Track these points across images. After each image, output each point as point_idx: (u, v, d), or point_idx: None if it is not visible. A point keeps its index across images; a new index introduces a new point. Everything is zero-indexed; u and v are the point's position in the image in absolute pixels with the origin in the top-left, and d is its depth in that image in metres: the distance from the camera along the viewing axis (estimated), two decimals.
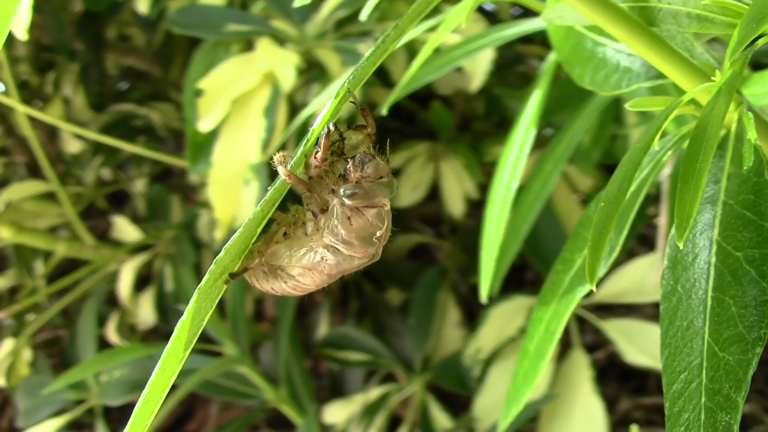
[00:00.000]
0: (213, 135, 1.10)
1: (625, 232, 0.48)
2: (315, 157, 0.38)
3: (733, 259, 0.37)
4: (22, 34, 0.79)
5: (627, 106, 0.46)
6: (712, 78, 0.43)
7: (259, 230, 0.37)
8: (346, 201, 0.38)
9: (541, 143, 1.14)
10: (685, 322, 0.38)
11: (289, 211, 0.42)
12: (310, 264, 0.41)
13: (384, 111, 0.81)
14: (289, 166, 0.37)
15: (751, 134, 0.38)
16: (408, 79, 0.80)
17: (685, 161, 0.35)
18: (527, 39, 1.39)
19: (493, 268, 0.79)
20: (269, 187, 0.37)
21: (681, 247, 0.33)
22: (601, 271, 0.49)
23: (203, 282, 0.35)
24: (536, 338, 0.55)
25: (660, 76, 0.48)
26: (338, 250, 0.39)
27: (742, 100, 0.42)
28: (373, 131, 0.39)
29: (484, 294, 0.80)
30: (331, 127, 0.37)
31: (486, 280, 0.80)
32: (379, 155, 0.39)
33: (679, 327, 0.39)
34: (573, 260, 0.52)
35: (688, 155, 0.35)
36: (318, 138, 0.37)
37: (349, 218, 0.38)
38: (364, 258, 0.40)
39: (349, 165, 0.38)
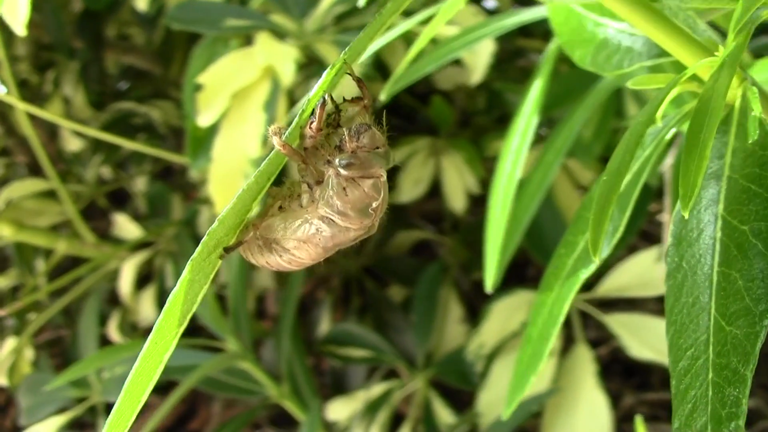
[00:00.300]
0: (213, 130, 1.10)
1: (628, 212, 0.47)
2: (310, 128, 0.37)
3: (738, 232, 0.37)
4: (21, 30, 0.79)
5: (629, 84, 0.45)
6: (715, 53, 0.42)
7: (254, 204, 0.36)
8: (342, 171, 0.37)
9: (541, 140, 1.14)
10: (690, 299, 0.38)
11: (284, 184, 0.42)
12: (305, 236, 0.40)
13: (382, 97, 0.80)
14: (283, 137, 0.37)
15: (756, 107, 0.38)
16: (406, 66, 0.80)
17: (689, 133, 0.35)
18: (527, 33, 1.39)
19: (497, 259, 0.78)
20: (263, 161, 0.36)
21: (686, 216, 0.33)
22: (605, 250, 0.48)
23: (196, 253, 0.35)
24: (539, 323, 0.54)
25: (662, 54, 0.47)
26: (333, 221, 0.39)
27: (746, 76, 0.42)
28: (370, 103, 0.39)
29: (489, 284, 0.80)
30: (327, 98, 0.37)
31: (491, 271, 0.79)
32: (375, 125, 0.38)
33: (685, 303, 0.38)
34: (576, 243, 0.52)
35: (692, 126, 0.35)
36: (313, 109, 0.37)
37: (344, 189, 0.38)
38: (360, 230, 0.40)
39: (345, 135, 0.38)
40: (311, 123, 0.37)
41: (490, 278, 0.80)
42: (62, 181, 1.41)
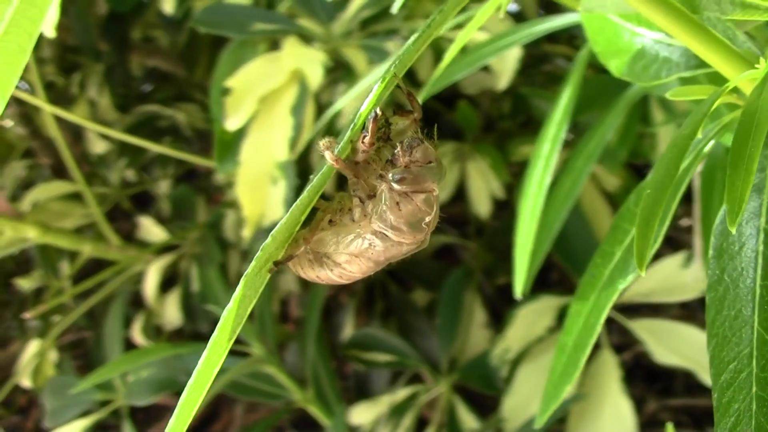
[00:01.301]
0: (240, 134, 1.10)
1: (667, 222, 0.47)
2: (363, 142, 0.37)
3: None
4: (49, 32, 0.79)
5: (668, 95, 0.45)
6: (756, 66, 0.42)
7: (303, 217, 0.36)
8: (395, 186, 0.37)
9: (566, 145, 1.14)
10: (732, 312, 0.38)
11: (334, 198, 0.42)
12: (358, 251, 0.40)
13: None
14: (335, 152, 0.37)
15: None
16: (438, 75, 0.80)
17: (734, 147, 0.35)
18: (553, 38, 1.39)
19: (527, 264, 0.78)
20: (312, 175, 0.37)
21: (733, 231, 0.32)
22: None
23: (249, 269, 0.35)
24: (575, 332, 0.54)
25: (700, 65, 0.47)
26: (387, 236, 0.39)
27: None
28: (420, 116, 0.39)
29: (518, 290, 0.80)
30: (378, 112, 0.37)
31: (521, 277, 0.79)
32: (428, 139, 0.38)
33: (727, 316, 0.38)
34: (613, 253, 0.52)
35: (736, 140, 0.35)
36: (365, 123, 0.37)
37: (398, 203, 0.38)
38: (412, 244, 0.40)
39: (398, 149, 0.38)
40: (363, 137, 0.37)
41: (520, 284, 0.80)
42: (87, 183, 1.41)
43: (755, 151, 0.33)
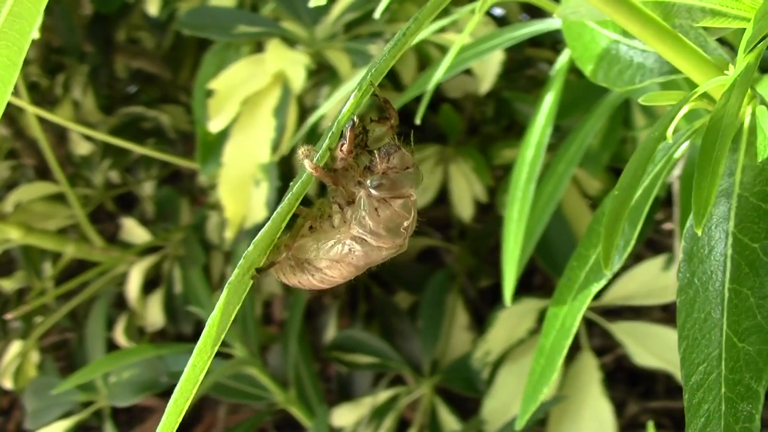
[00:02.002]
0: (223, 135, 1.11)
1: (639, 225, 0.48)
2: (341, 150, 0.38)
3: (750, 250, 0.38)
4: (34, 33, 0.79)
5: (640, 100, 0.46)
6: (726, 72, 0.43)
7: (284, 224, 0.37)
8: (373, 192, 0.38)
9: (548, 148, 1.14)
10: (702, 314, 0.39)
11: (314, 204, 0.43)
12: (339, 256, 0.41)
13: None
14: (315, 160, 0.37)
15: (766, 126, 0.38)
16: (423, 81, 0.81)
17: (702, 151, 0.35)
18: (536, 43, 1.40)
19: (515, 270, 0.79)
20: (292, 182, 0.37)
21: (699, 233, 0.33)
22: (616, 263, 0.49)
23: (233, 277, 0.36)
24: (552, 335, 0.55)
25: (673, 71, 0.48)
26: (366, 241, 0.40)
27: (756, 94, 0.43)
28: (396, 123, 0.40)
29: (508, 297, 0.80)
30: (356, 120, 0.38)
31: (510, 283, 0.80)
32: (405, 146, 0.39)
33: (697, 319, 0.39)
34: (588, 256, 0.52)
35: (704, 144, 0.35)
36: (343, 131, 0.38)
37: (376, 209, 0.39)
38: (392, 248, 0.40)
39: (376, 156, 0.38)
40: (342, 145, 0.38)
41: (509, 290, 0.80)
42: (70, 184, 1.41)
43: (721, 155, 0.34)
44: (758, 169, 0.39)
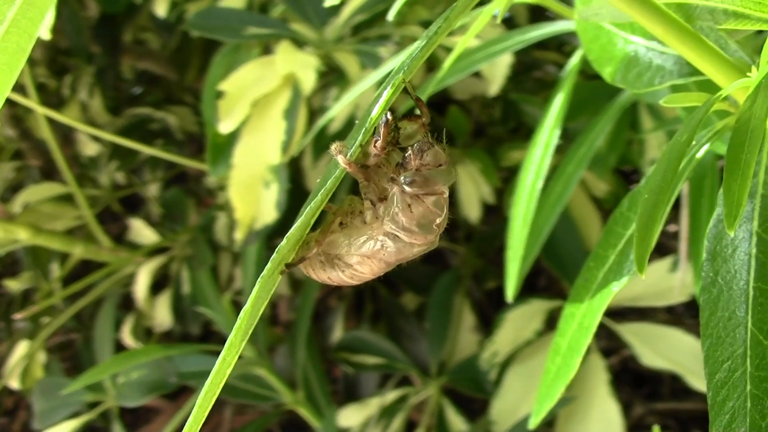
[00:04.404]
0: (233, 137, 1.11)
1: (660, 226, 0.48)
2: (375, 146, 0.38)
3: None
4: (45, 34, 0.79)
5: (662, 102, 0.46)
6: (748, 74, 0.43)
7: (313, 220, 0.37)
8: (407, 188, 0.38)
9: (555, 150, 1.15)
10: (726, 313, 0.39)
11: (344, 201, 0.43)
12: (370, 252, 0.41)
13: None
14: (348, 156, 0.38)
15: None
16: (435, 84, 0.81)
17: (729, 153, 0.35)
18: (543, 45, 1.40)
19: (518, 269, 0.79)
20: (320, 178, 0.37)
21: (732, 234, 0.33)
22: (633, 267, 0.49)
23: (265, 271, 0.36)
24: (569, 334, 0.55)
25: (693, 73, 0.48)
26: (399, 237, 0.40)
27: None
28: (428, 120, 0.40)
29: (510, 294, 0.81)
30: (389, 117, 0.38)
31: (512, 282, 0.80)
32: (438, 143, 0.39)
33: (721, 317, 0.39)
34: (606, 256, 0.53)
35: (731, 147, 0.36)
36: (376, 127, 0.38)
37: (409, 206, 0.39)
38: (423, 245, 0.41)
39: (409, 152, 0.39)
40: (375, 141, 0.38)
41: (511, 288, 0.80)
42: (77, 185, 1.42)
43: (751, 157, 0.34)
44: None
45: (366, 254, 0.41)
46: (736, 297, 0.39)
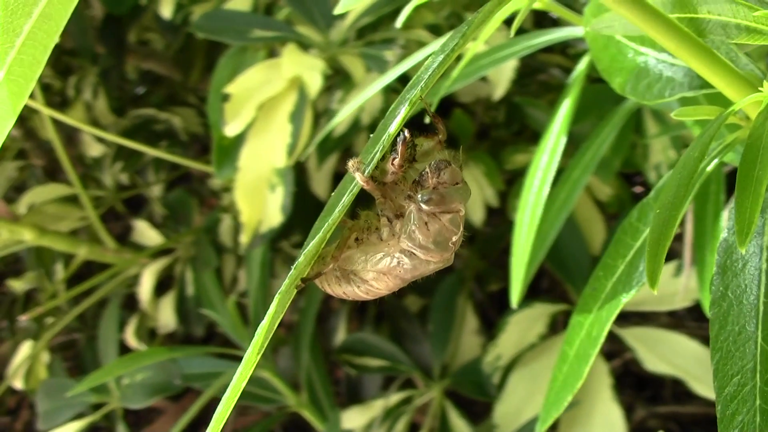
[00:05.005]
0: (239, 140, 1.11)
1: (670, 239, 0.48)
2: (392, 164, 0.39)
3: None
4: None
5: (673, 114, 0.47)
6: (759, 89, 0.43)
7: (329, 235, 0.37)
8: (424, 206, 0.39)
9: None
10: (736, 327, 0.39)
11: (360, 216, 0.43)
12: (387, 268, 0.41)
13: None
14: (366, 172, 0.38)
15: None
16: (443, 91, 0.81)
17: (741, 169, 0.36)
18: (547, 48, 1.40)
19: (523, 275, 0.79)
20: (335, 193, 0.38)
21: (743, 251, 0.34)
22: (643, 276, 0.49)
23: (283, 286, 0.36)
24: (576, 343, 0.56)
25: (703, 86, 0.48)
26: (415, 254, 0.40)
27: None
28: (444, 137, 0.40)
29: (514, 300, 0.81)
30: (407, 134, 0.38)
31: (517, 287, 0.80)
32: (455, 161, 0.40)
33: (731, 332, 0.39)
34: (615, 266, 0.53)
35: (744, 163, 0.36)
36: (393, 144, 0.38)
37: (426, 223, 0.39)
38: (439, 262, 0.41)
39: (426, 171, 0.39)
40: (393, 159, 0.39)
41: (516, 295, 0.81)
42: (82, 186, 1.42)
43: (763, 173, 0.34)
44: None
45: (382, 271, 0.42)
46: (746, 311, 0.39)
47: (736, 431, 0.37)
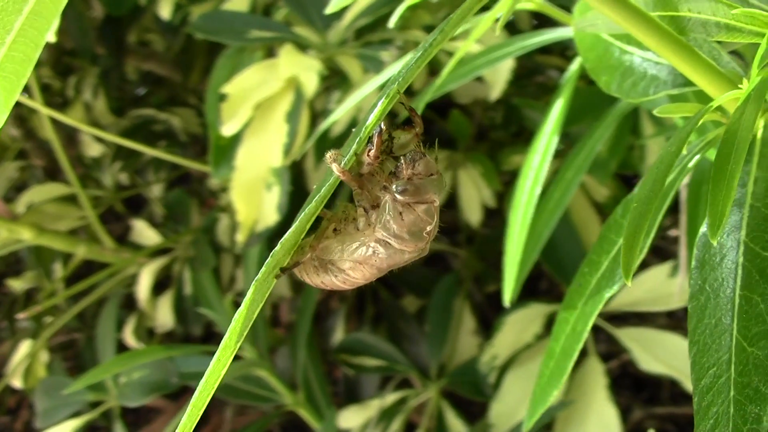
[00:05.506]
0: (236, 139, 1.12)
1: (652, 234, 0.49)
2: (368, 155, 0.39)
3: (760, 259, 0.39)
4: (51, 37, 0.80)
5: (655, 112, 0.47)
6: (739, 86, 0.44)
7: (308, 226, 0.38)
8: (398, 197, 0.39)
9: (555, 156, 1.15)
10: (713, 320, 0.40)
11: (338, 207, 0.44)
12: (362, 258, 0.42)
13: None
14: (342, 164, 0.39)
15: None
16: (436, 88, 0.82)
17: (716, 163, 0.36)
18: (545, 50, 1.41)
19: (516, 272, 0.80)
20: (317, 185, 0.38)
21: (715, 243, 0.34)
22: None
23: (260, 274, 0.37)
24: (562, 339, 0.56)
25: (686, 84, 0.49)
26: (390, 244, 0.41)
27: None
28: (421, 130, 0.41)
29: (507, 298, 0.81)
30: (383, 127, 0.39)
31: (509, 284, 0.81)
32: (430, 153, 0.40)
33: (707, 324, 0.40)
34: (600, 262, 0.53)
35: (719, 157, 0.36)
36: (371, 137, 0.39)
37: (400, 213, 0.40)
38: (414, 252, 0.42)
39: (401, 162, 0.40)
40: (369, 150, 0.39)
41: (509, 292, 0.81)
42: (81, 186, 1.42)
43: (736, 168, 0.35)
44: None
45: (358, 260, 0.42)
46: (722, 305, 0.40)
47: (711, 422, 0.38)
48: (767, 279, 0.38)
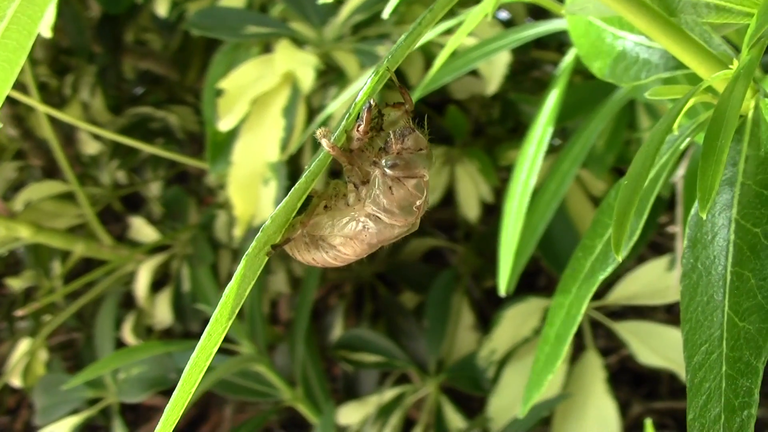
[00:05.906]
0: (232, 135, 1.12)
1: (645, 215, 0.49)
2: (357, 130, 0.40)
3: (751, 235, 0.39)
4: (47, 32, 0.80)
5: (647, 95, 0.47)
6: (730, 66, 0.44)
7: (300, 203, 0.38)
8: (388, 171, 0.39)
9: (553, 150, 1.15)
10: (705, 297, 0.40)
11: (329, 185, 0.44)
12: (353, 233, 0.42)
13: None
14: (332, 139, 0.39)
15: None
16: (429, 80, 0.82)
17: (706, 140, 0.36)
18: (542, 45, 1.41)
19: (511, 263, 0.80)
20: (309, 162, 0.38)
21: (704, 218, 0.34)
22: (624, 252, 0.50)
23: (250, 249, 0.37)
24: (557, 323, 0.56)
25: (678, 66, 0.49)
26: (380, 218, 0.41)
27: (759, 88, 0.44)
28: (411, 107, 0.41)
29: (502, 288, 0.81)
30: (373, 102, 0.39)
31: (504, 275, 0.81)
32: (419, 128, 0.41)
33: (699, 302, 0.40)
34: (593, 246, 0.54)
35: (708, 134, 0.37)
36: (360, 113, 0.39)
37: (390, 188, 0.40)
38: (404, 227, 0.42)
39: (391, 137, 0.40)
40: (358, 126, 0.39)
41: (504, 282, 0.81)
42: (79, 184, 1.42)
43: (725, 143, 0.35)
44: (761, 159, 0.40)
45: (348, 235, 0.42)
46: (714, 282, 0.40)
47: (704, 397, 0.38)
48: (758, 254, 0.38)
